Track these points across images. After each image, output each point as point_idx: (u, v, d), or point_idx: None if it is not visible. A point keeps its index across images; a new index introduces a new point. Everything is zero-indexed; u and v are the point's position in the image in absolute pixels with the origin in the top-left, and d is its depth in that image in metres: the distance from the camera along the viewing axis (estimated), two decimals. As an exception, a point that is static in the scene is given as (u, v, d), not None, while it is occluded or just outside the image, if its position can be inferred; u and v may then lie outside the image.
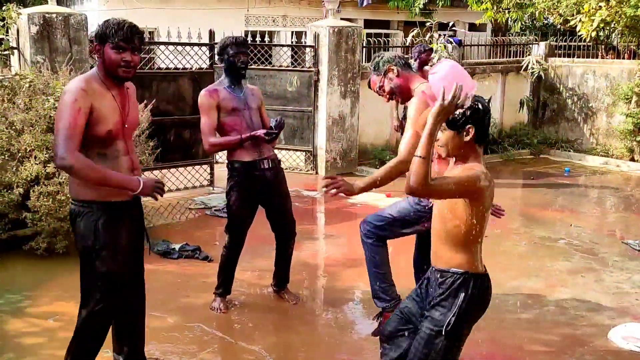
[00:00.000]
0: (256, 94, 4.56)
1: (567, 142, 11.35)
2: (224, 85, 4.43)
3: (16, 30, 6.39)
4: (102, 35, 2.98)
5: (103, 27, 3.00)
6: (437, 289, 2.72)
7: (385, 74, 3.71)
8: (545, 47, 11.81)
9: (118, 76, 3.03)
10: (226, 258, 4.54)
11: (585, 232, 6.74)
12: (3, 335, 4.16)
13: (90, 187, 3.00)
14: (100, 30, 2.99)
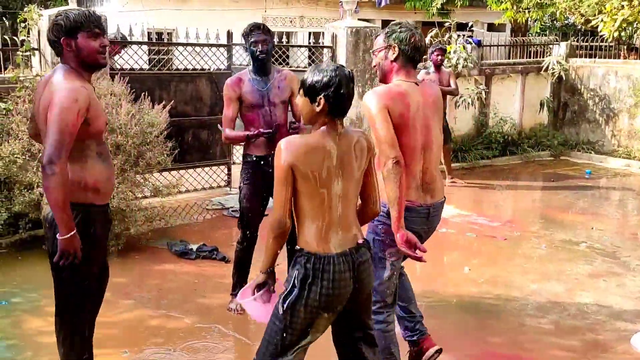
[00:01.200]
0: (286, 84, 4.36)
1: (588, 143, 11.21)
2: (249, 76, 4.35)
3: (37, 32, 6.44)
4: (71, 27, 2.81)
5: (69, 19, 2.81)
6: None
7: (387, 47, 3.24)
8: (566, 47, 11.67)
9: (98, 64, 2.91)
10: (239, 255, 4.53)
11: (607, 235, 6.64)
12: (22, 333, 4.19)
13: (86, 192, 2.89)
14: (65, 23, 2.81)
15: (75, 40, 2.83)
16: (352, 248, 2.65)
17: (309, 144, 2.57)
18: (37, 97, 2.94)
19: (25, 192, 5.40)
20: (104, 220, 3.03)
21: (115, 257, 5.56)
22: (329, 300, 2.59)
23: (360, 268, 2.65)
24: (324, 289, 2.57)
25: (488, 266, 5.58)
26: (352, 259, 2.63)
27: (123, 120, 5.60)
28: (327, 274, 2.56)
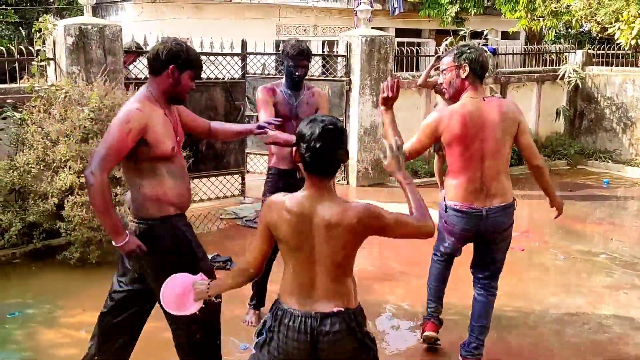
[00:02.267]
0: (314, 101, 4.43)
1: (606, 152, 11.08)
2: (281, 87, 4.41)
3: (52, 42, 6.46)
4: (187, 62, 3.03)
5: (188, 54, 3.04)
6: None
7: (458, 66, 3.62)
8: (582, 56, 11.56)
9: (181, 99, 3.13)
10: None
11: (627, 246, 6.53)
12: (36, 345, 4.17)
13: (159, 205, 3.04)
14: (183, 56, 3.02)
15: (180, 73, 3.01)
16: (319, 313, 2.36)
17: (287, 207, 2.38)
18: None
19: (39, 202, 5.41)
20: (185, 226, 3.18)
21: (129, 268, 5.54)
22: (282, 355, 2.41)
23: (321, 338, 2.34)
24: (280, 342, 2.40)
25: (505, 278, 5.44)
26: (312, 324, 2.35)
27: (137, 130, 5.58)
28: (284, 328, 2.39)
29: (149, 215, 3.04)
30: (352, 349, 2.37)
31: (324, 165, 2.36)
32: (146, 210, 3.04)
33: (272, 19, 15.41)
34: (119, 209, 5.07)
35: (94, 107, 5.49)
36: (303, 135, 2.34)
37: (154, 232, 3.05)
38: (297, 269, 2.41)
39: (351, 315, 2.38)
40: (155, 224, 3.05)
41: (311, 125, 2.34)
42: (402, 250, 6.39)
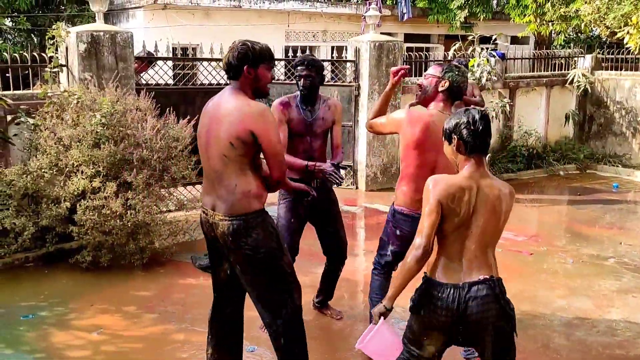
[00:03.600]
0: (330, 116, 4.37)
1: (615, 157, 11.05)
2: (297, 101, 4.33)
3: (65, 48, 6.55)
4: (257, 58, 3.16)
5: (255, 50, 3.16)
6: None
7: (440, 78, 3.71)
8: (592, 60, 11.56)
9: (265, 93, 3.27)
10: None
11: (636, 250, 6.52)
12: (49, 347, 4.23)
13: (259, 197, 3.18)
14: (252, 53, 3.15)
15: (256, 69, 3.16)
16: (466, 283, 2.73)
17: (457, 183, 2.76)
18: (210, 117, 3.20)
19: (52, 206, 5.48)
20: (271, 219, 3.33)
21: (139, 271, 5.61)
22: (430, 322, 2.81)
23: (470, 303, 2.70)
24: (429, 312, 2.79)
25: (514, 281, 5.49)
26: (459, 293, 2.72)
27: (148, 134, 5.66)
28: (433, 299, 2.77)
29: (245, 210, 3.14)
30: (496, 314, 2.71)
31: (485, 144, 2.80)
32: (246, 205, 3.14)
33: (282, 25, 15.48)
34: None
35: (106, 112, 5.57)
36: (461, 123, 2.77)
37: (249, 225, 3.14)
38: (453, 244, 2.75)
39: (496, 282, 2.73)
40: (250, 218, 3.14)
41: (466, 114, 2.78)
42: (410, 254, 6.41)
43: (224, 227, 3.14)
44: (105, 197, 5.36)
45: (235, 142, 3.06)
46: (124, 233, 5.46)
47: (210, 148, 3.17)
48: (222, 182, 3.15)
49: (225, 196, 3.14)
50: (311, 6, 16.24)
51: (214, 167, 3.17)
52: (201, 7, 14.04)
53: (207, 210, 3.24)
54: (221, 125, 3.10)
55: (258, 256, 3.17)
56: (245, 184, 3.13)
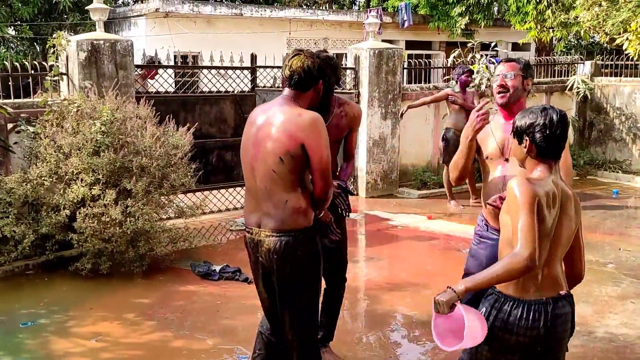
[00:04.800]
0: (345, 123, 3.80)
1: (615, 163, 11.05)
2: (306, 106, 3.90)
3: (65, 57, 6.59)
4: (323, 73, 3.08)
5: (325, 64, 3.09)
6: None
7: (526, 77, 3.33)
8: (591, 66, 11.59)
9: (317, 107, 3.12)
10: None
11: (635, 256, 6.52)
12: (48, 354, 4.24)
13: (307, 214, 3.03)
14: (330, 67, 3.12)
15: (322, 85, 3.09)
16: (549, 298, 2.53)
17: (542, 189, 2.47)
18: (258, 128, 3.02)
19: (52, 214, 5.51)
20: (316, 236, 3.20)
21: (139, 278, 5.63)
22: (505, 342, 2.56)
23: (556, 321, 2.50)
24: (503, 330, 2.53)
25: (513, 288, 5.50)
26: (545, 309, 2.50)
27: (148, 142, 5.69)
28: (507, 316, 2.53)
29: (294, 227, 2.99)
30: (569, 330, 2.60)
31: (559, 149, 2.54)
32: (293, 222, 2.99)
33: (283, 33, 15.55)
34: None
35: (106, 120, 5.60)
36: (537, 125, 2.50)
37: (297, 242, 3.01)
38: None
39: (571, 297, 2.60)
40: (298, 235, 3.01)
41: (544, 114, 2.52)
42: (410, 261, 6.43)
43: (270, 244, 2.99)
44: (105, 205, 5.38)
45: (285, 158, 2.90)
46: (124, 240, 5.48)
47: (258, 163, 2.99)
48: (271, 199, 2.98)
49: (274, 212, 2.98)
50: (312, 14, 16.33)
51: (262, 182, 2.99)
52: (203, 15, 14.12)
53: (252, 229, 3.08)
54: (270, 139, 2.92)
55: (301, 275, 3.04)
56: (296, 199, 2.97)
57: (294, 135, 2.88)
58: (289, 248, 2.99)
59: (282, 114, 2.95)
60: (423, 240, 7.06)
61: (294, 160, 2.90)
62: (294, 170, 2.93)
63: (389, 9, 17.84)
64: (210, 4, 14.20)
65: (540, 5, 13.13)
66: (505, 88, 3.29)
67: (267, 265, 3.07)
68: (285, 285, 3.07)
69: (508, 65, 3.38)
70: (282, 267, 3.02)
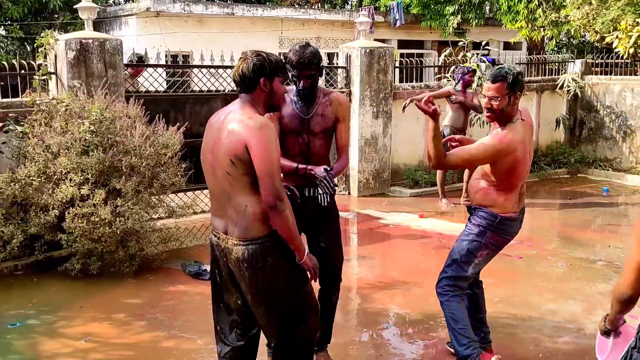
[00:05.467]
0: (331, 111, 3.76)
1: (606, 160, 11.10)
2: (292, 95, 3.77)
3: (54, 56, 6.56)
4: (273, 70, 2.97)
5: (271, 62, 2.97)
6: None
7: (515, 94, 3.51)
8: (582, 65, 11.63)
9: (277, 106, 3.11)
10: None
11: (625, 253, 6.53)
12: (37, 355, 4.22)
13: (267, 221, 2.92)
14: (270, 65, 2.97)
15: (272, 82, 2.97)
16: None
17: None
18: (213, 132, 2.98)
19: (41, 214, 5.47)
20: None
21: (129, 278, 5.60)
22: None
23: None
24: None
25: (504, 285, 5.51)
26: None
27: (137, 141, 5.66)
28: None
29: (260, 233, 2.91)
30: None
31: None
32: (257, 228, 2.91)
33: (275, 32, 15.53)
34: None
35: (95, 119, 5.57)
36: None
37: (265, 249, 2.92)
38: None
39: None
40: (266, 241, 2.92)
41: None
42: (401, 260, 6.43)
43: (238, 253, 2.91)
44: (94, 205, 5.36)
45: (235, 160, 2.85)
46: (114, 240, 5.46)
47: (215, 165, 2.95)
48: (231, 202, 2.92)
49: (236, 218, 2.91)
50: (304, 13, 16.32)
51: (220, 186, 2.94)
52: (194, 14, 14.07)
53: (219, 234, 3.01)
54: (222, 141, 2.89)
55: (274, 282, 2.96)
56: (255, 203, 2.88)
57: (240, 137, 2.83)
58: (257, 256, 2.91)
59: (233, 117, 2.92)
60: (415, 238, 7.06)
61: (243, 163, 2.84)
62: (247, 172, 2.86)
63: (381, 8, 17.85)
64: (201, 3, 14.15)
65: (531, 4, 13.19)
66: (491, 110, 3.55)
67: (236, 272, 3.00)
68: (257, 295, 2.99)
69: (494, 87, 3.51)
70: (255, 276, 2.94)
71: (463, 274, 3.83)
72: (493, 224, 3.73)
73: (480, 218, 3.76)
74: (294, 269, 3.01)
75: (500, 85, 3.49)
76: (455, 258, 3.82)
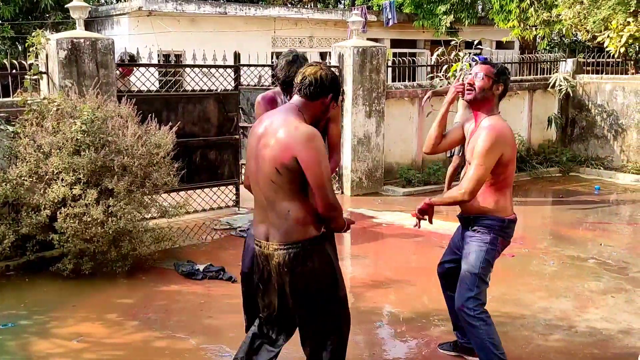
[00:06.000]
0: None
1: (597, 159, 11.16)
2: (282, 97, 3.82)
3: (45, 56, 6.53)
4: (338, 92, 3.04)
5: (338, 81, 3.06)
6: None
7: (497, 82, 3.60)
8: (573, 64, 11.68)
9: (318, 124, 3.06)
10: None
11: (616, 251, 6.58)
12: (29, 356, 4.20)
13: (315, 223, 2.98)
14: (339, 84, 3.04)
15: (331, 102, 3.04)
16: None
17: None
18: (259, 137, 2.97)
19: (32, 214, 5.45)
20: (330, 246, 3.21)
21: (122, 278, 5.59)
22: None
23: None
24: None
25: (496, 284, 5.50)
26: None
27: (129, 141, 5.65)
28: None
29: (301, 237, 2.94)
30: None
31: None
32: (299, 232, 2.94)
33: (268, 31, 15.51)
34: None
35: (86, 119, 5.55)
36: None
37: (305, 253, 2.96)
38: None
39: None
40: (307, 245, 2.95)
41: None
42: (394, 259, 6.45)
43: (279, 257, 2.94)
44: (86, 205, 5.34)
45: (281, 169, 2.85)
46: (106, 240, 5.45)
47: (259, 174, 2.95)
48: (274, 209, 2.93)
49: (278, 223, 2.93)
50: (297, 12, 16.31)
51: (264, 192, 2.95)
52: (187, 14, 14.05)
53: (260, 242, 3.02)
54: (267, 149, 2.89)
55: (314, 285, 3.00)
56: (298, 209, 2.91)
57: (287, 147, 2.83)
58: (298, 260, 2.94)
59: (281, 125, 2.89)
60: (408, 237, 7.08)
61: (290, 172, 2.85)
62: (292, 180, 2.87)
63: (374, 8, 17.87)
64: (194, 2, 14.11)
65: (523, 4, 13.24)
66: (472, 86, 3.60)
67: (279, 278, 3.02)
68: (299, 297, 3.02)
69: (482, 66, 3.66)
70: (294, 280, 2.97)
71: (485, 286, 3.71)
72: (501, 229, 3.67)
73: (487, 227, 3.66)
74: (331, 274, 3.05)
75: (488, 68, 3.63)
76: (476, 273, 3.64)
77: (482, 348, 3.59)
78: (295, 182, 2.87)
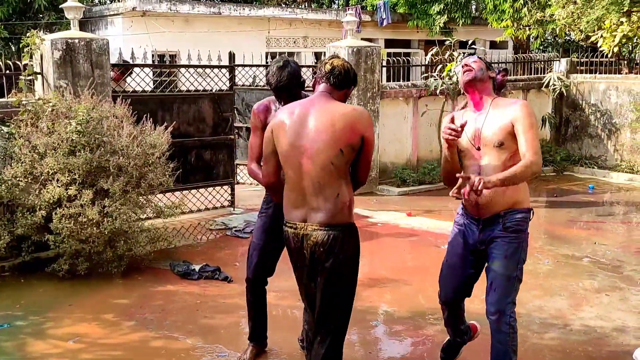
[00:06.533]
0: None
1: (591, 158, 11.21)
2: (277, 106, 3.81)
3: (40, 56, 6.52)
4: (355, 81, 3.25)
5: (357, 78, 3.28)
6: None
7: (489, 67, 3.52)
8: (567, 64, 11.74)
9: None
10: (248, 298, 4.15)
11: (610, 250, 6.62)
12: (25, 357, 4.20)
13: (352, 209, 3.13)
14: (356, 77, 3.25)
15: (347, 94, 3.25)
16: None
17: None
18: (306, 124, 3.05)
19: (27, 214, 5.44)
20: None
21: (117, 279, 5.59)
22: None
23: None
24: None
25: (491, 283, 5.55)
26: None
27: (125, 141, 5.65)
28: None
29: (343, 221, 3.07)
30: None
31: None
32: (342, 216, 3.06)
33: (262, 31, 15.52)
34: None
35: (81, 120, 5.54)
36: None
37: (345, 237, 3.08)
38: None
39: None
40: (347, 229, 3.08)
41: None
42: (389, 258, 6.46)
43: (317, 237, 3.02)
44: (82, 205, 5.34)
45: (346, 149, 2.99)
46: (102, 241, 5.44)
47: (311, 157, 2.99)
48: (323, 192, 3.01)
49: (324, 206, 3.02)
50: (291, 12, 16.32)
51: (318, 177, 3.00)
52: (181, 14, 14.04)
53: (296, 224, 3.08)
54: (329, 131, 2.98)
55: (346, 268, 3.10)
56: (346, 192, 3.05)
57: (357, 128, 3.00)
58: (338, 242, 3.03)
59: (332, 109, 3.05)
60: (403, 236, 7.10)
61: (352, 151, 3.02)
62: (349, 160, 3.04)
63: (368, 8, 17.91)
64: (188, 2, 14.11)
65: (517, 4, 13.29)
66: (469, 67, 3.47)
67: (312, 258, 3.08)
68: (330, 278, 3.08)
69: (470, 57, 3.64)
70: (328, 261, 3.04)
71: (519, 285, 3.55)
72: (529, 222, 3.49)
73: (519, 222, 3.43)
74: (358, 260, 3.18)
75: (479, 59, 3.57)
76: (515, 275, 3.46)
77: (504, 356, 3.47)
78: (349, 162, 3.05)
